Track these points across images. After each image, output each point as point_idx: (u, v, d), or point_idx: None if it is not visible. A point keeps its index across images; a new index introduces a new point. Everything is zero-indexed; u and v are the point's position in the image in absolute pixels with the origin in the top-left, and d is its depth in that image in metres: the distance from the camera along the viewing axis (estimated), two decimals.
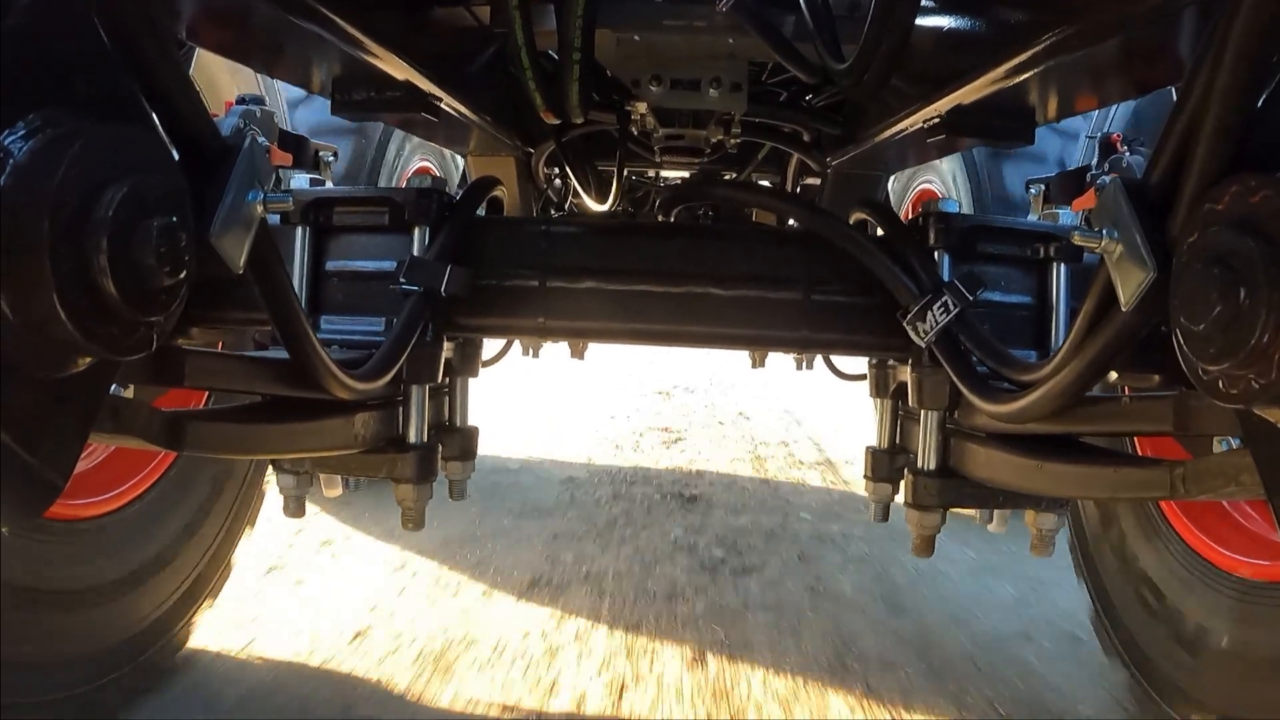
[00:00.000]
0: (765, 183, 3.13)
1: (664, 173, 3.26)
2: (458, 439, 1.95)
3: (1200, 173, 0.91)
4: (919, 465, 1.66)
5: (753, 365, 4.18)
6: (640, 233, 2.08)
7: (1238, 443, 1.26)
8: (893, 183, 3.75)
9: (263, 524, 2.47)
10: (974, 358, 1.51)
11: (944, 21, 1.47)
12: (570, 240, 1.80)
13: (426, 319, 1.64)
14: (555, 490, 4.07)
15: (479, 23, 1.63)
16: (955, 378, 1.51)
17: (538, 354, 4.20)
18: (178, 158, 1.01)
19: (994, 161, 3.43)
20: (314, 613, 2.52)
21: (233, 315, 1.63)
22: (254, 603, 2.56)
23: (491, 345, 3.28)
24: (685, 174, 3.07)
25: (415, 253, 1.68)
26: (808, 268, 1.72)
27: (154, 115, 0.96)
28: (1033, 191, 2.09)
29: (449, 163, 3.87)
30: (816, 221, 1.77)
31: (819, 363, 3.80)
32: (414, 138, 3.45)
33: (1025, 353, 1.65)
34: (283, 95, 2.60)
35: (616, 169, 2.35)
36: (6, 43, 0.75)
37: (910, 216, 1.77)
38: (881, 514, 1.87)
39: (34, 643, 1.64)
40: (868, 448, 1.93)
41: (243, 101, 1.93)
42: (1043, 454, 1.41)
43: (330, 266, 1.77)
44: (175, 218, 0.87)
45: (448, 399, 1.96)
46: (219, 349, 1.83)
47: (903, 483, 1.73)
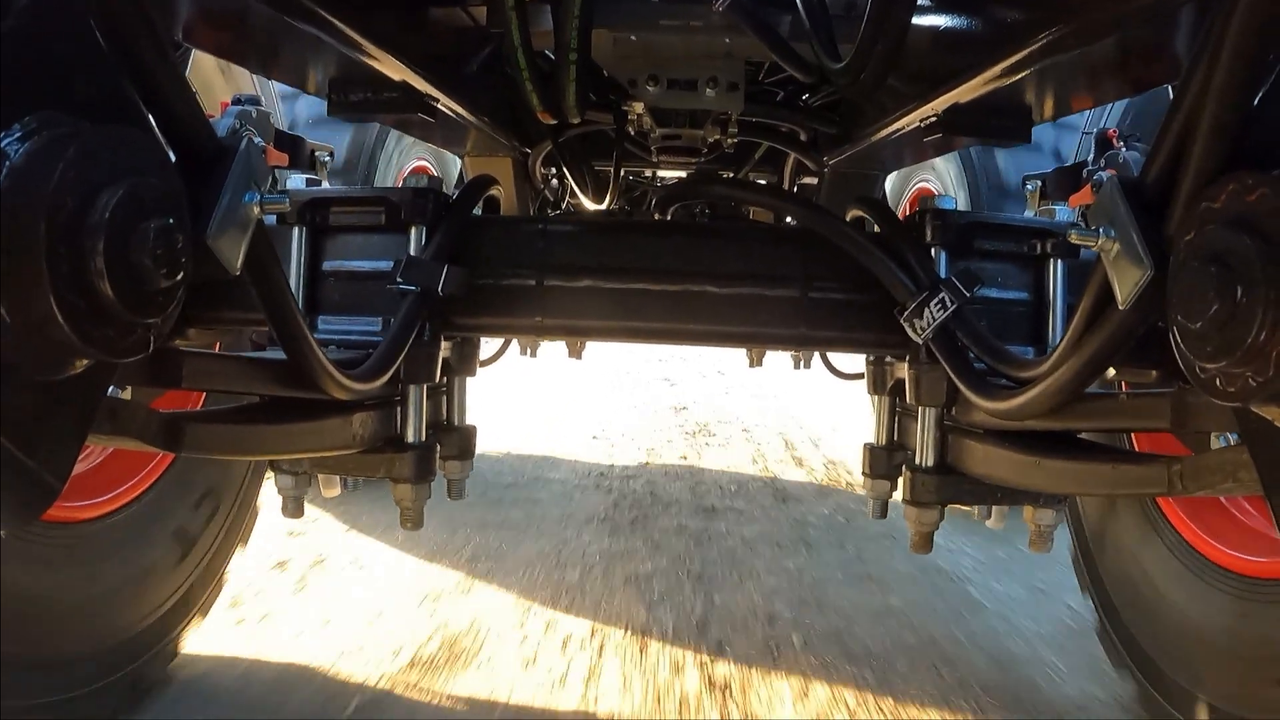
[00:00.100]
0: (762, 182, 3.13)
1: (661, 172, 3.26)
2: (456, 438, 1.94)
3: (1197, 171, 0.91)
4: (917, 462, 1.67)
5: (750, 364, 4.17)
6: (637, 231, 2.07)
7: (1235, 438, 1.27)
8: (890, 181, 3.76)
9: None
10: (971, 354, 1.51)
11: (940, 21, 1.48)
12: (567, 239, 1.80)
13: (424, 319, 1.64)
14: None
15: (475, 23, 1.63)
16: (953, 374, 1.51)
17: (535, 353, 4.19)
18: (174, 159, 1.01)
19: (988, 153, 3.43)
20: None
21: (230, 316, 1.63)
22: None
23: (489, 344, 3.28)
24: (682, 173, 3.07)
25: (412, 252, 1.67)
26: (805, 266, 1.72)
27: (150, 117, 0.96)
28: (1029, 188, 2.09)
29: (448, 161, 3.87)
30: (813, 219, 1.77)
31: (816, 361, 3.81)
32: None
33: (1022, 349, 1.65)
34: (276, 92, 2.60)
35: (613, 169, 2.35)
36: (4, 45, 0.75)
37: (908, 214, 1.77)
38: (880, 511, 1.87)
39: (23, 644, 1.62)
40: (866, 445, 1.93)
41: (238, 102, 1.93)
42: (1040, 450, 1.41)
43: (327, 266, 1.77)
44: (172, 219, 0.87)
45: (445, 398, 1.96)
46: (216, 350, 1.83)
47: (901, 479, 1.73)
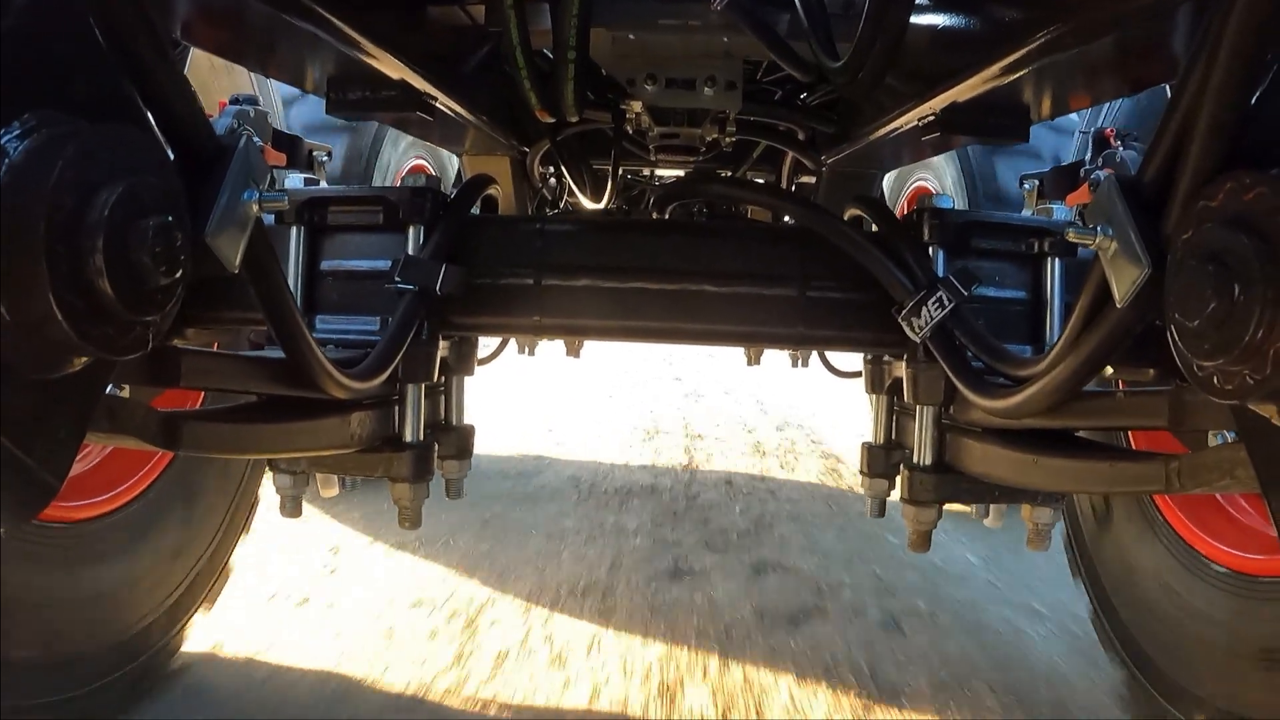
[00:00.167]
0: (760, 180, 3.13)
1: (659, 171, 3.26)
2: (454, 437, 1.95)
3: (1195, 170, 0.91)
4: (915, 461, 1.67)
5: (748, 362, 4.18)
6: (635, 230, 2.07)
7: (1233, 436, 1.27)
8: (888, 180, 3.76)
9: None
10: (969, 353, 1.51)
11: (938, 19, 1.48)
12: (565, 238, 1.80)
13: (421, 318, 1.64)
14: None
15: (474, 22, 1.63)
16: (950, 373, 1.51)
17: (533, 352, 4.19)
18: (173, 158, 1.01)
19: (987, 158, 3.44)
20: None
21: (228, 315, 1.62)
22: None
23: (487, 344, 3.28)
24: (680, 172, 3.08)
25: (410, 251, 1.67)
26: (803, 264, 1.72)
27: (149, 115, 0.96)
28: (1027, 187, 2.09)
29: (444, 159, 3.87)
30: (811, 218, 1.77)
31: (814, 360, 3.81)
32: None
33: (1020, 348, 1.65)
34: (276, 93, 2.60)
35: (611, 167, 2.35)
36: (3, 43, 0.75)
37: (905, 213, 1.77)
38: (878, 509, 1.87)
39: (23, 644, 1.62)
40: (864, 443, 1.93)
41: (237, 102, 1.93)
42: (1038, 449, 1.41)
43: (325, 266, 1.77)
44: (171, 217, 0.87)
45: (443, 398, 1.96)
46: (214, 349, 1.83)
47: (899, 478, 1.73)
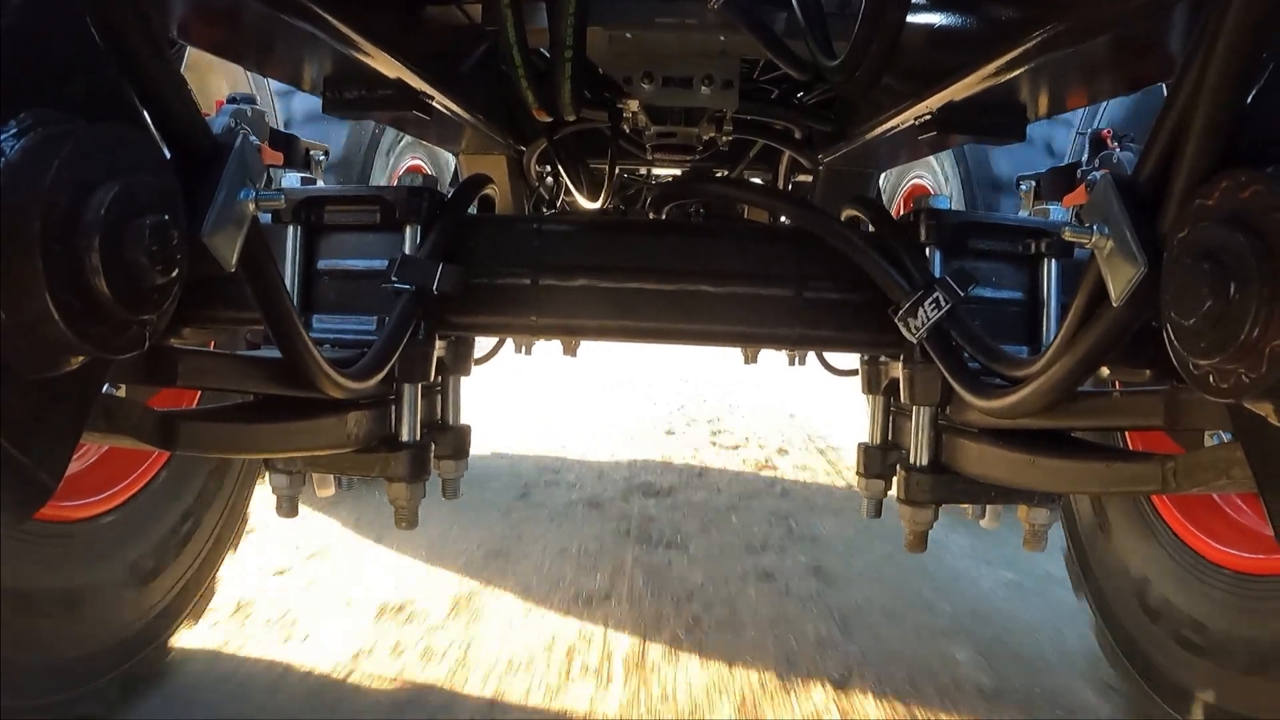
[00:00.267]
0: (757, 180, 3.13)
1: (656, 170, 3.26)
2: (450, 437, 1.95)
3: (1190, 169, 0.91)
4: (911, 461, 1.67)
5: (745, 361, 4.18)
6: (632, 230, 2.07)
7: (1229, 436, 1.27)
8: (884, 178, 3.76)
9: None
10: (965, 353, 1.51)
11: (935, 18, 1.48)
12: (562, 238, 1.80)
13: (418, 317, 1.64)
14: None
15: (471, 21, 1.63)
16: (947, 373, 1.52)
17: (530, 351, 4.19)
18: (170, 157, 1.01)
19: (980, 147, 3.44)
20: None
21: (225, 314, 1.62)
22: None
23: (483, 343, 3.27)
24: (677, 171, 3.08)
25: (407, 251, 1.67)
26: (800, 265, 1.72)
27: (146, 114, 0.96)
28: (1023, 187, 2.09)
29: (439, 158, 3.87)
30: (808, 218, 1.77)
31: (811, 358, 3.81)
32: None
33: (1017, 348, 1.65)
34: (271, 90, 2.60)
35: (608, 167, 2.35)
36: (0, 42, 0.75)
37: (902, 212, 1.77)
38: (874, 510, 1.87)
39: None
40: (860, 444, 1.93)
41: (234, 100, 1.92)
42: (1035, 449, 1.41)
43: (322, 265, 1.76)
44: (167, 216, 0.87)
45: (440, 397, 1.96)
46: (211, 348, 1.82)
47: (895, 478, 1.73)
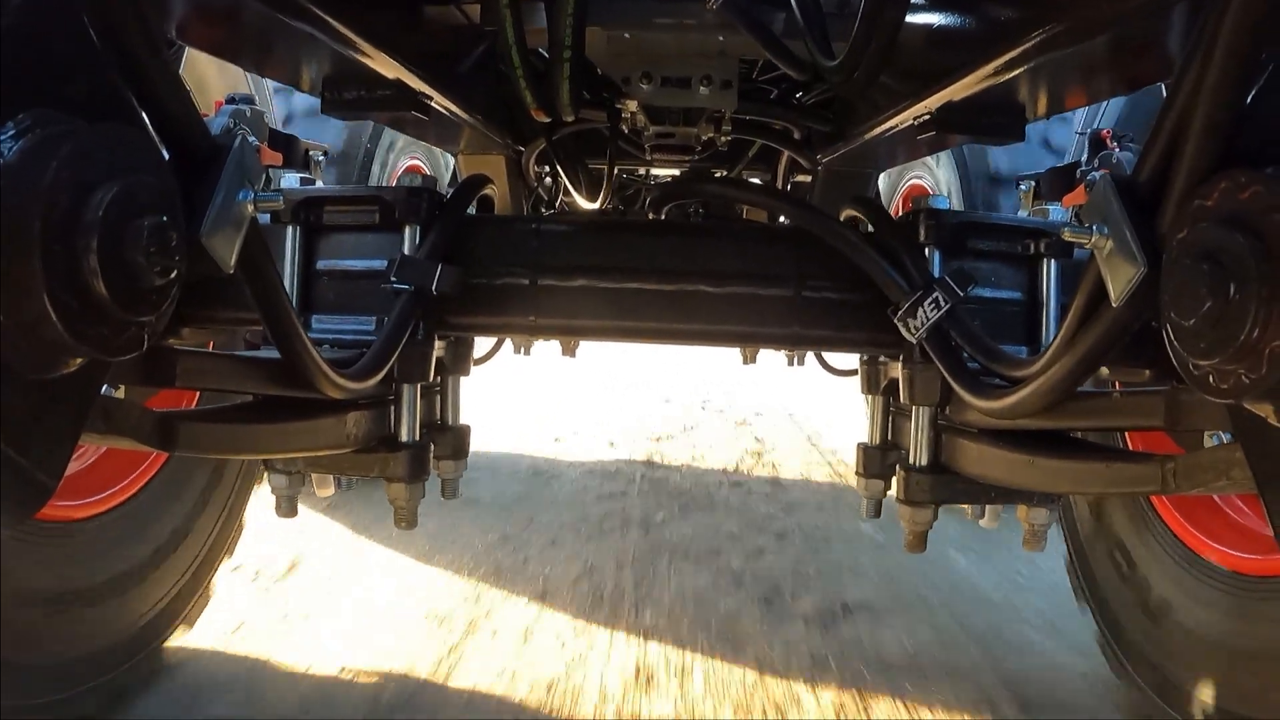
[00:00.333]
0: (756, 180, 3.13)
1: (654, 170, 3.26)
2: (450, 438, 1.95)
3: (1190, 169, 0.91)
4: (911, 461, 1.67)
5: (744, 361, 4.17)
6: (631, 230, 2.07)
7: (1229, 437, 1.27)
8: (883, 178, 3.76)
9: None
10: (965, 353, 1.51)
11: (934, 18, 1.48)
12: (561, 238, 1.80)
13: (418, 318, 1.64)
14: None
15: (469, 21, 1.63)
16: (946, 374, 1.52)
17: (529, 352, 4.19)
18: (168, 157, 1.01)
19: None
20: None
21: (224, 315, 1.62)
22: None
23: (483, 344, 3.27)
24: (676, 172, 3.07)
25: (406, 251, 1.67)
26: (799, 265, 1.72)
27: (145, 115, 0.96)
28: (1023, 187, 2.09)
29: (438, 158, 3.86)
30: (807, 218, 1.77)
31: (810, 358, 3.80)
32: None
33: (1016, 348, 1.65)
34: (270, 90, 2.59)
35: (607, 167, 2.35)
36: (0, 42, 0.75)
37: (901, 212, 1.77)
38: (874, 510, 1.87)
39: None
40: (859, 444, 1.93)
41: (232, 101, 1.92)
42: (1034, 449, 1.41)
43: (321, 266, 1.76)
44: (166, 217, 0.87)
45: (439, 397, 1.96)
46: (210, 349, 1.82)
47: (895, 479, 1.73)
